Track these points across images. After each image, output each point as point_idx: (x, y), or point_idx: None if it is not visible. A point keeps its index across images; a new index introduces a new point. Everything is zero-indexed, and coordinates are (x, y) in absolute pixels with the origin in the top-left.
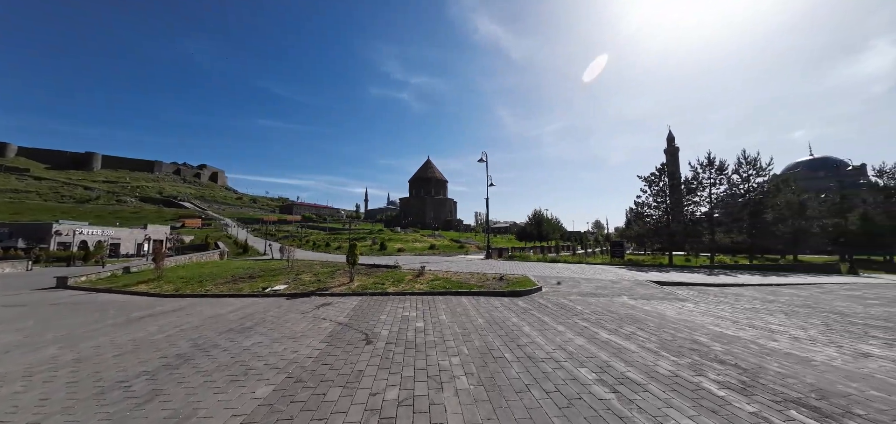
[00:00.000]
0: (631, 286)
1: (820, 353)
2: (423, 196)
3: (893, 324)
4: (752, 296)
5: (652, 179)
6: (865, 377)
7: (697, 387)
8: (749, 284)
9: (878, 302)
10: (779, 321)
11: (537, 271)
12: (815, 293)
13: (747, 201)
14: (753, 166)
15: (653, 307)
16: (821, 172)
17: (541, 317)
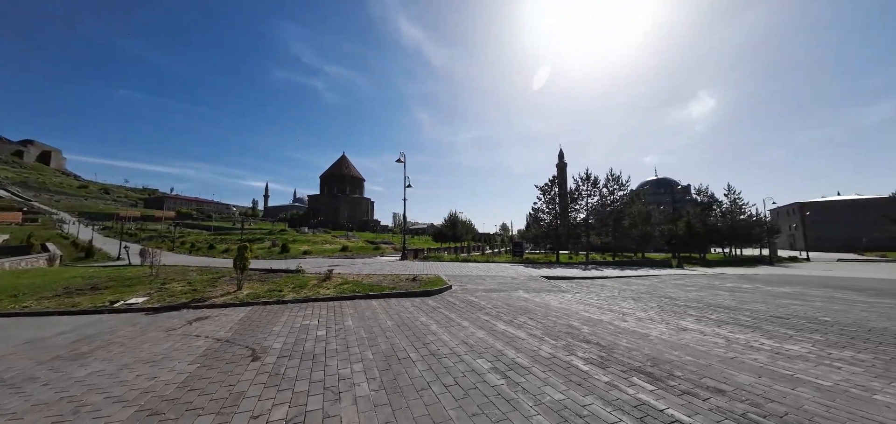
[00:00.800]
0: (526, 281)
1: (654, 329)
2: (337, 195)
3: (702, 305)
4: (613, 286)
5: (545, 188)
6: (683, 346)
7: (569, 365)
8: (611, 276)
9: (694, 288)
10: (629, 306)
11: (450, 270)
12: (654, 282)
13: (612, 211)
14: (617, 183)
15: (541, 299)
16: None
17: (448, 314)
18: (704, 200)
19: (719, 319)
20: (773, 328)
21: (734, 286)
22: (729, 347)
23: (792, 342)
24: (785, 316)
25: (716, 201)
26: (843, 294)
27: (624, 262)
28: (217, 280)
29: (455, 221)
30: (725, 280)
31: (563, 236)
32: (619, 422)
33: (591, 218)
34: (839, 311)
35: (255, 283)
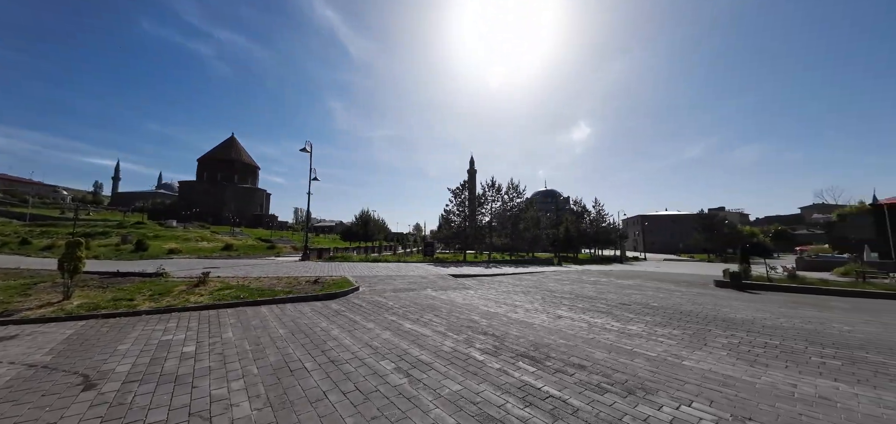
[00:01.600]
0: (435, 279)
1: (538, 318)
2: (222, 183)
3: (573, 296)
4: (508, 282)
5: (457, 192)
6: (558, 331)
7: (468, 357)
8: (508, 273)
9: (568, 282)
10: (520, 299)
11: (358, 271)
12: (540, 278)
13: (512, 215)
14: (516, 191)
15: (448, 296)
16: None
17: (353, 317)
18: (579, 210)
19: (584, 307)
20: (620, 312)
21: (595, 280)
22: (590, 329)
23: (632, 323)
24: (628, 303)
25: (587, 211)
26: (666, 285)
27: (518, 260)
28: (31, 287)
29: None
30: (590, 276)
31: (470, 237)
32: (506, 403)
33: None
34: (663, 298)
35: (93, 290)
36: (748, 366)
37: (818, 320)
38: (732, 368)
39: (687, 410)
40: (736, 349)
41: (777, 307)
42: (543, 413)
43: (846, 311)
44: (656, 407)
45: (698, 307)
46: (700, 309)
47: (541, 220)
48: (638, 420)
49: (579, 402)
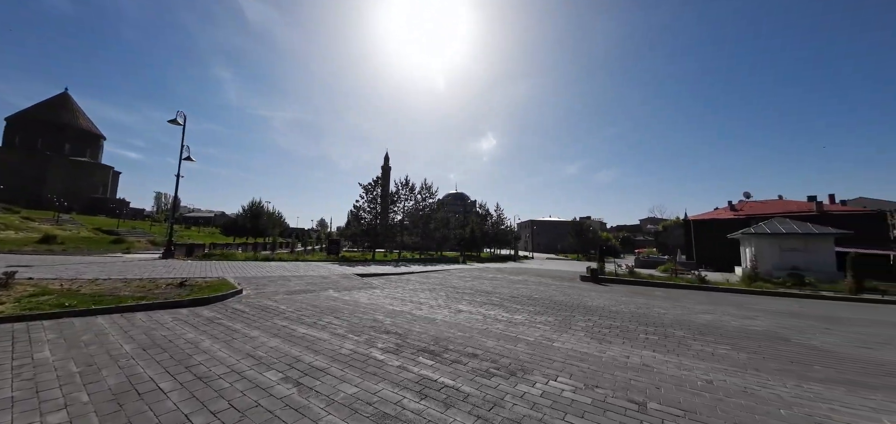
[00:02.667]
0: (339, 279)
1: (440, 314)
2: (45, 153)
3: (473, 291)
4: (416, 280)
5: (369, 188)
6: (457, 324)
7: (368, 357)
8: (416, 272)
9: (469, 279)
10: (425, 296)
11: (243, 271)
12: (445, 275)
13: (424, 215)
14: (429, 191)
15: (351, 297)
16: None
17: (232, 325)
18: (483, 213)
19: (481, 301)
20: (510, 304)
21: (492, 277)
22: (484, 321)
23: (518, 313)
24: (516, 296)
25: (490, 214)
26: (545, 280)
27: (427, 259)
28: None
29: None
30: (488, 273)
31: (381, 236)
32: (402, 399)
33: (407, 220)
34: (542, 291)
35: None
36: (598, 344)
37: (645, 305)
38: (587, 346)
39: (554, 383)
40: (591, 330)
41: (620, 296)
42: (437, 403)
43: (663, 298)
44: (531, 384)
45: (567, 298)
46: (568, 299)
47: (450, 220)
48: (516, 397)
49: (470, 388)
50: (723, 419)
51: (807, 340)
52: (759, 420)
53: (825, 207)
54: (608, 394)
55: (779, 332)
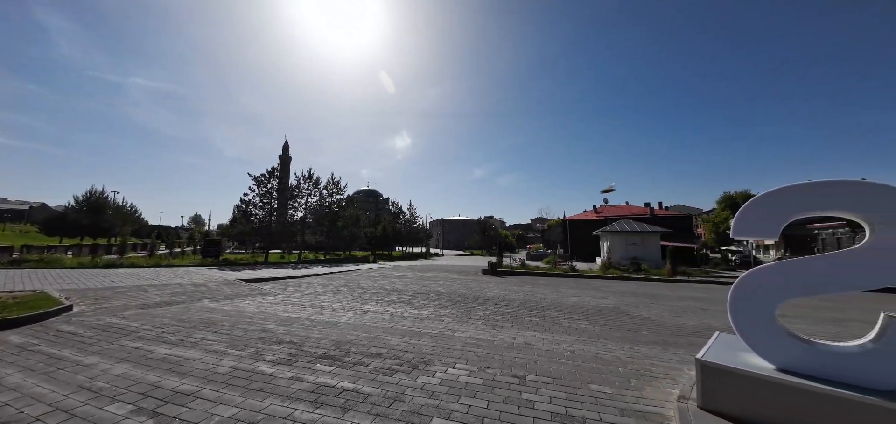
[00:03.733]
0: (218, 287)
1: (345, 316)
2: None
3: (382, 290)
4: (318, 283)
5: (263, 179)
6: (362, 325)
7: (253, 373)
8: (320, 273)
9: (379, 278)
10: (328, 299)
11: (75, 281)
12: (353, 276)
13: (330, 212)
14: (337, 187)
15: (234, 306)
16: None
17: (55, 352)
18: (396, 211)
19: (390, 300)
20: (418, 301)
21: (403, 275)
22: (391, 319)
23: (425, 309)
24: (425, 292)
25: (402, 212)
26: (452, 275)
27: (334, 259)
28: None
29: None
30: (399, 271)
31: (277, 234)
32: (293, 412)
33: (310, 217)
34: (449, 285)
35: None
36: (492, 329)
37: (531, 293)
38: (483, 333)
39: (452, 371)
40: (487, 318)
41: (512, 286)
42: (334, 409)
43: (545, 286)
44: (432, 375)
45: (470, 290)
46: (470, 292)
47: (360, 218)
48: (416, 389)
49: (371, 388)
50: (580, 380)
51: (639, 312)
52: (604, 377)
53: (655, 211)
54: (497, 373)
55: (621, 307)
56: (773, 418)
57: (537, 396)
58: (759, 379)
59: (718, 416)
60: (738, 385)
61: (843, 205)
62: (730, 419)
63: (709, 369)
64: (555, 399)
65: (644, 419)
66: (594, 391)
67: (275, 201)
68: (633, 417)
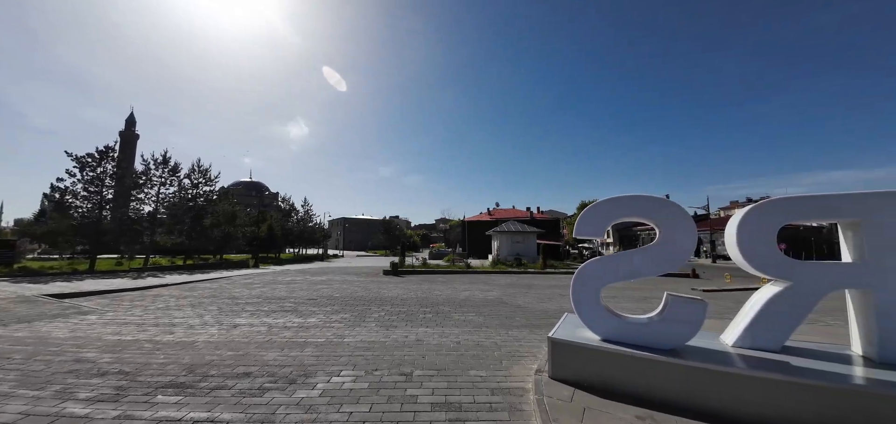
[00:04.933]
0: (7, 306)
1: (205, 333)
2: None
3: (261, 299)
4: (171, 295)
5: (88, 161)
6: (229, 342)
7: (55, 417)
8: (174, 283)
9: (259, 285)
10: (184, 314)
11: None
12: (224, 284)
13: (194, 206)
14: (204, 176)
15: (33, 331)
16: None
17: None
18: (287, 208)
19: (270, 309)
20: (306, 307)
21: (291, 280)
22: (269, 331)
23: (313, 316)
24: (316, 297)
25: (295, 209)
26: (350, 277)
27: (198, 265)
28: None
29: None
30: (287, 275)
31: (112, 234)
32: None
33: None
34: (346, 288)
35: None
36: (386, 330)
37: (429, 290)
38: (376, 334)
39: (336, 379)
40: (382, 319)
41: (412, 285)
42: None
43: (442, 283)
44: (312, 387)
45: (368, 292)
46: (369, 293)
47: (238, 215)
48: (292, 406)
49: (231, 414)
50: (462, 368)
51: (515, 301)
52: (482, 362)
53: (534, 215)
54: (384, 374)
55: (503, 298)
56: (599, 377)
57: (421, 390)
58: (588, 348)
59: (563, 383)
60: (575, 355)
61: (642, 213)
62: (572, 383)
63: (556, 344)
64: (437, 391)
65: (509, 394)
66: (472, 376)
67: (110, 190)
68: (500, 394)
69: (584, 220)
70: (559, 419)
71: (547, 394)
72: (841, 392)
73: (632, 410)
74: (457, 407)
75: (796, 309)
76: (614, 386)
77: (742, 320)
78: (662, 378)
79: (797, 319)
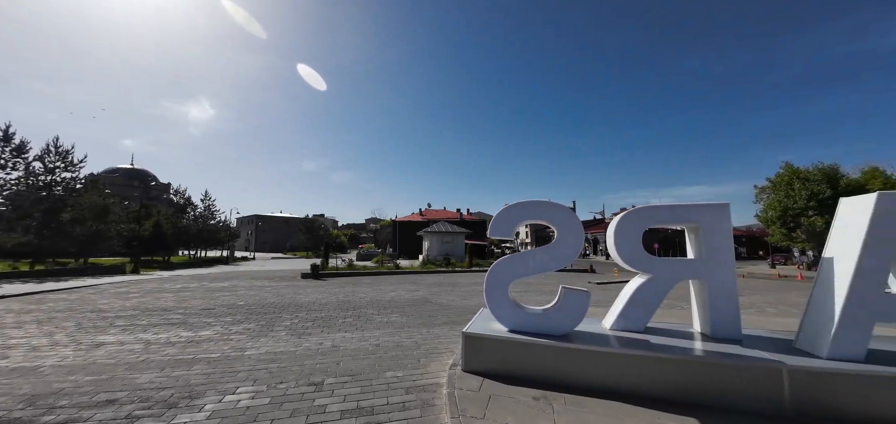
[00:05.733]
0: None
1: (55, 356)
2: None
3: (138, 311)
4: (8, 309)
5: None
6: (88, 365)
7: None
8: (13, 294)
9: (138, 295)
10: (25, 333)
11: None
12: (87, 294)
13: (47, 196)
14: (63, 159)
15: None
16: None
17: None
18: (181, 202)
19: (150, 323)
20: (199, 319)
21: (183, 287)
22: (146, 350)
23: (208, 328)
24: (213, 306)
25: (192, 204)
26: (260, 282)
27: (52, 272)
28: None
29: None
30: (178, 282)
31: None
32: None
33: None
34: (253, 295)
35: None
36: (297, 338)
37: (353, 293)
38: (285, 344)
39: (231, 397)
40: (295, 327)
41: (334, 288)
42: None
43: (368, 284)
44: (197, 410)
45: (280, 298)
46: (281, 300)
47: (111, 209)
48: None
49: None
50: (378, 370)
51: (440, 299)
52: (400, 362)
53: (464, 216)
54: (290, 386)
55: (428, 297)
56: (506, 365)
57: (331, 399)
58: (497, 339)
59: (475, 374)
60: (486, 347)
61: (542, 216)
62: (483, 374)
63: (469, 338)
64: (349, 397)
65: (423, 391)
66: (388, 378)
67: None
68: (414, 392)
69: (497, 222)
70: (466, 409)
71: (458, 387)
72: (685, 362)
73: (530, 392)
74: (368, 411)
75: (655, 296)
76: (518, 372)
77: (617, 306)
78: (555, 360)
79: (655, 304)
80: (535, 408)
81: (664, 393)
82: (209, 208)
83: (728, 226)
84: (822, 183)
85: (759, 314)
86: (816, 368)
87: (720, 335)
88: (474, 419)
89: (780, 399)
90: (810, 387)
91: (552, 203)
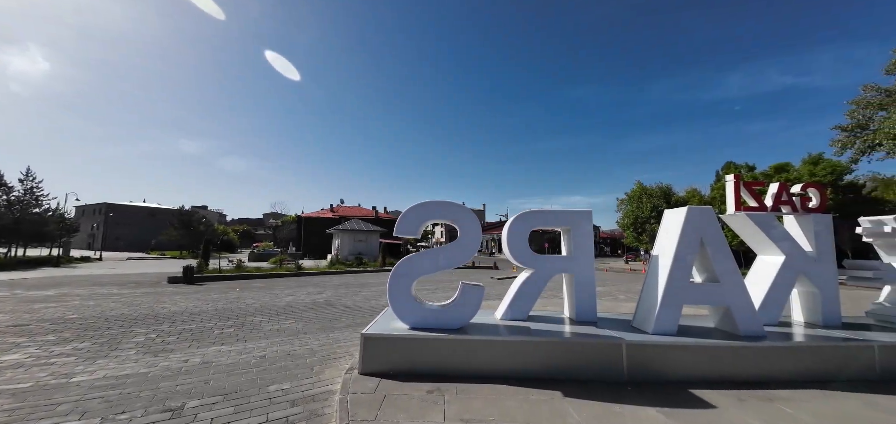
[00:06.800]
0: None
1: None
2: None
3: None
4: None
5: None
6: None
7: None
8: None
9: None
10: None
11: None
12: None
13: None
14: None
15: None
16: None
17: None
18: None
19: None
20: (3, 339)
21: None
22: None
23: (16, 350)
24: (27, 322)
25: (5, 185)
26: (105, 290)
27: None
28: None
29: None
30: None
31: None
32: None
33: None
34: (92, 306)
35: None
36: (152, 357)
37: (238, 298)
38: (134, 365)
39: None
40: (150, 343)
41: (213, 294)
42: None
43: (259, 288)
44: None
45: (133, 309)
46: (134, 311)
47: None
48: None
49: None
50: (260, 385)
51: (346, 301)
52: (289, 373)
53: (380, 214)
54: (136, 415)
55: (333, 300)
56: (407, 363)
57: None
58: (397, 338)
59: (373, 375)
60: (386, 347)
61: (445, 216)
62: (381, 375)
63: (368, 339)
64: (216, 419)
65: (313, 401)
66: (271, 391)
67: None
68: (301, 404)
69: (403, 221)
70: (358, 413)
71: (351, 391)
72: (552, 343)
73: (425, 386)
74: None
75: (536, 288)
76: (418, 368)
77: (506, 299)
78: (450, 352)
79: (536, 294)
80: (427, 401)
81: (538, 373)
82: (33, 191)
83: (590, 229)
84: (660, 198)
85: (612, 300)
86: (644, 342)
87: (581, 318)
88: (365, 422)
89: (621, 368)
90: (640, 356)
91: (453, 203)
